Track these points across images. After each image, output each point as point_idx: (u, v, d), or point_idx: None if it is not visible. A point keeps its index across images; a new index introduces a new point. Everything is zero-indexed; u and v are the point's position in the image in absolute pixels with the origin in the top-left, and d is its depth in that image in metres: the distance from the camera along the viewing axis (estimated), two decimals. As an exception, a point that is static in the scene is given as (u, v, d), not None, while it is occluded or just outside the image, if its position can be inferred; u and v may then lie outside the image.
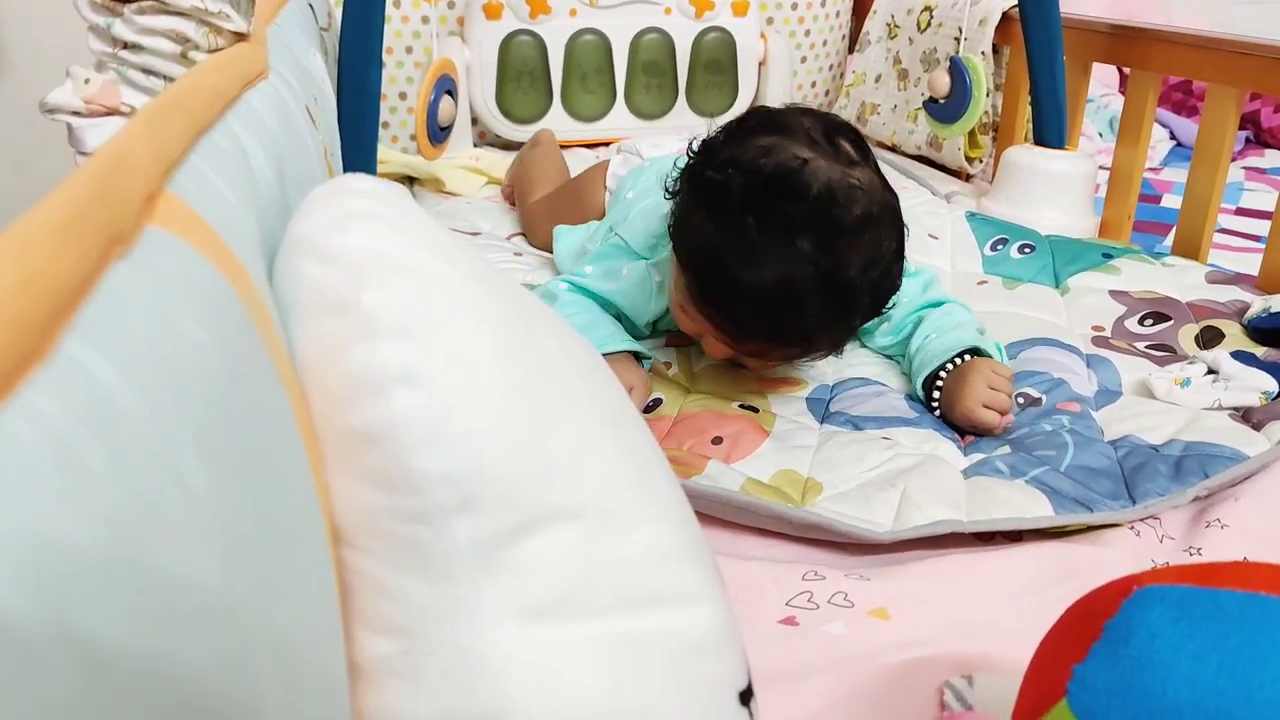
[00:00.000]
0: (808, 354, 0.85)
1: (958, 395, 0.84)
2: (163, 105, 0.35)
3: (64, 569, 0.15)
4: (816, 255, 0.74)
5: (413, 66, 1.60)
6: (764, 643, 0.58)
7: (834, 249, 0.75)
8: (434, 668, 0.33)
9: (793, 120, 0.81)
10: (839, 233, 0.75)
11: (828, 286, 0.75)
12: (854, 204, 0.76)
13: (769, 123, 0.82)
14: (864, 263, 0.77)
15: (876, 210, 0.78)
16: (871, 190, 0.78)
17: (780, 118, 0.82)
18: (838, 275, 0.75)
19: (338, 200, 0.36)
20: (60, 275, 0.20)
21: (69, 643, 0.15)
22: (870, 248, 0.77)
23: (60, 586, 0.15)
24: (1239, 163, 1.95)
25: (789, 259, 0.74)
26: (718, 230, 0.77)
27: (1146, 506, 0.71)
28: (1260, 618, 0.37)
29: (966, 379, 0.84)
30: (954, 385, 0.85)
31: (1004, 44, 1.51)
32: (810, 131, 0.80)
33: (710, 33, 1.67)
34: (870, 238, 0.77)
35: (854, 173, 0.78)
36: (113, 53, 0.48)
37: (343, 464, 0.33)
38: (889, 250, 0.80)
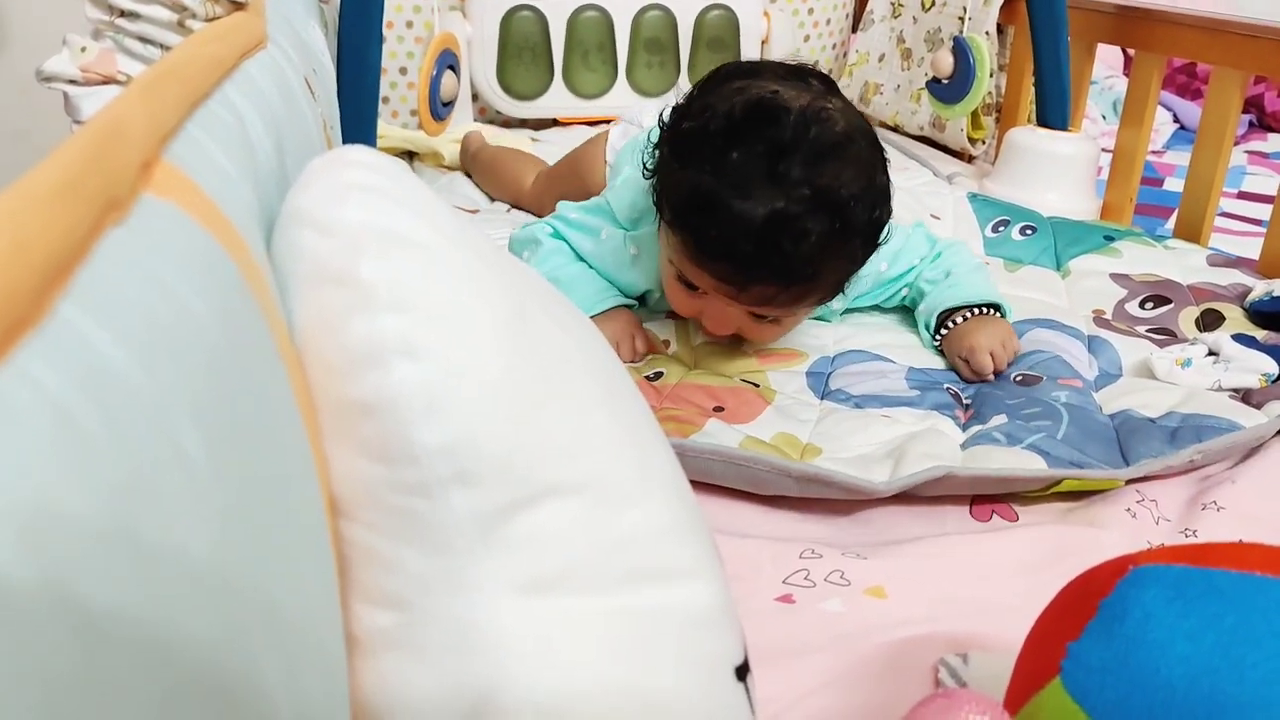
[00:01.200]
0: (815, 293, 0.83)
1: (970, 333, 0.89)
2: (159, 73, 0.35)
3: (61, 536, 0.15)
4: (807, 175, 0.75)
5: (413, 41, 1.59)
6: (761, 620, 0.58)
7: (822, 167, 0.76)
8: (432, 640, 0.33)
9: (760, 65, 0.85)
10: (824, 151, 0.76)
11: (823, 206, 0.75)
12: (833, 123, 0.78)
13: (736, 71, 0.84)
14: (853, 179, 0.77)
15: (856, 130, 0.80)
16: (847, 113, 0.81)
17: (747, 65, 0.85)
18: (831, 193, 0.76)
19: (337, 172, 0.35)
20: (54, 241, 0.19)
21: (66, 611, 0.15)
22: (855, 165, 0.78)
23: (57, 554, 0.15)
24: (1242, 146, 1.95)
25: (780, 183, 0.75)
26: (704, 173, 0.77)
27: (1140, 465, 0.72)
28: (1255, 598, 0.37)
29: (986, 327, 0.90)
30: (972, 327, 0.90)
31: (1008, 24, 1.50)
32: (777, 71, 0.83)
33: (713, 10, 1.66)
34: (854, 154, 0.78)
35: (826, 100, 0.80)
36: (110, 20, 0.47)
37: (341, 436, 0.33)
38: (876, 169, 0.81)
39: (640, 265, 0.94)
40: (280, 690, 0.24)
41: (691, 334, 0.95)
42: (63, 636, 0.15)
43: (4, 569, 0.14)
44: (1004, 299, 0.95)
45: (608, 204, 0.99)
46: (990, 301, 0.93)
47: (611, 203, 0.98)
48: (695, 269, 0.81)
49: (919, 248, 0.98)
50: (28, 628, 0.14)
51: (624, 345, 0.90)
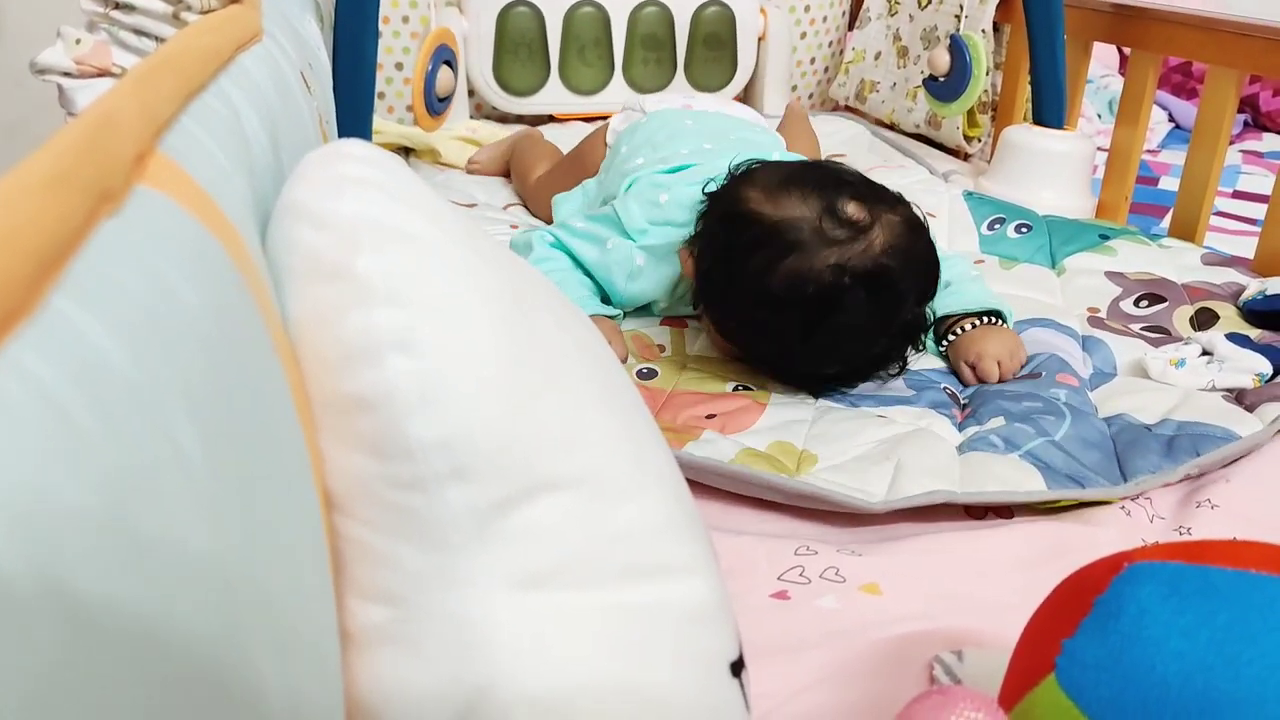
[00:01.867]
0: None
1: (978, 340, 0.89)
2: (153, 65, 0.34)
3: (54, 528, 0.15)
4: (862, 341, 0.82)
5: (409, 36, 1.58)
6: (755, 617, 0.58)
7: (874, 332, 0.81)
8: (427, 636, 0.33)
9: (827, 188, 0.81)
10: (881, 316, 0.80)
11: (874, 362, 0.85)
12: (897, 279, 0.79)
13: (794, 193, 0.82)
14: (906, 328, 0.84)
15: (903, 264, 0.80)
16: (895, 246, 0.80)
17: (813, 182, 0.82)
18: (876, 354, 0.84)
19: (332, 166, 0.35)
20: (47, 231, 0.19)
21: (59, 602, 0.15)
22: (906, 300, 0.82)
23: (50, 545, 0.15)
24: (1237, 146, 1.95)
25: (837, 358, 0.83)
26: (763, 339, 0.84)
27: (1138, 484, 0.72)
28: (1249, 595, 0.37)
29: (995, 336, 0.90)
30: (980, 335, 0.90)
31: (1005, 22, 1.51)
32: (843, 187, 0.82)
33: (710, 7, 1.66)
34: (907, 286, 0.81)
35: (890, 254, 0.79)
36: (104, 13, 0.47)
37: (336, 431, 0.33)
38: (921, 289, 0.84)
39: (647, 275, 0.95)
40: (274, 684, 0.24)
41: (687, 341, 0.95)
42: (55, 627, 0.14)
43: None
44: (1006, 304, 0.95)
45: (615, 214, 0.98)
46: (993, 308, 0.93)
47: (619, 212, 0.97)
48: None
49: None
50: (19, 618, 0.14)
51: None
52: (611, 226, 0.97)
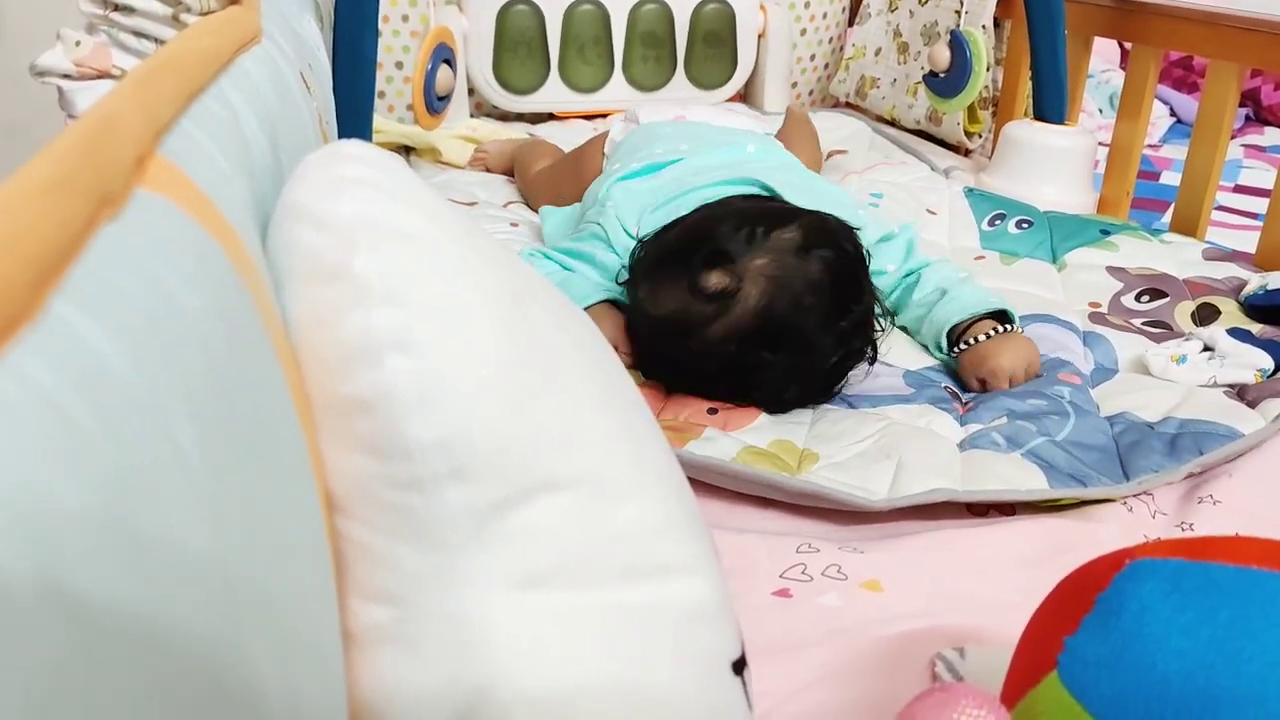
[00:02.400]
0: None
1: (994, 354, 0.86)
2: (153, 67, 0.34)
3: (54, 529, 0.15)
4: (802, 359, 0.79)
5: (409, 35, 1.58)
6: (757, 614, 0.58)
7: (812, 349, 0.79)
8: (426, 636, 0.33)
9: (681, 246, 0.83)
10: (806, 343, 0.79)
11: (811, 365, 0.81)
12: (789, 319, 0.78)
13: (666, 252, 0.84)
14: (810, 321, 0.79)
15: (791, 301, 0.78)
16: (773, 289, 0.78)
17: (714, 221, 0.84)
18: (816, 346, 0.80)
19: (332, 166, 0.35)
20: (47, 236, 0.19)
21: (59, 602, 0.15)
22: (816, 311, 0.79)
23: (50, 546, 0.15)
24: (1238, 140, 1.95)
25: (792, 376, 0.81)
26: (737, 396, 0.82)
27: (1141, 482, 0.72)
28: (1251, 592, 0.37)
29: (1011, 348, 0.86)
30: (995, 347, 0.87)
31: (1005, 18, 1.50)
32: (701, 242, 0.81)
33: (709, 4, 1.66)
34: (807, 316, 0.79)
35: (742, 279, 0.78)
36: (104, 14, 0.47)
37: (336, 431, 0.33)
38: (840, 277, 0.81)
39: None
40: (274, 685, 0.24)
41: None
42: (54, 628, 0.14)
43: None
44: (1006, 300, 0.92)
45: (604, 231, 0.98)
46: (996, 309, 0.90)
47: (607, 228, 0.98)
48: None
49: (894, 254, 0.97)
50: (17, 617, 0.14)
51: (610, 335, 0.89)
52: (598, 244, 0.98)
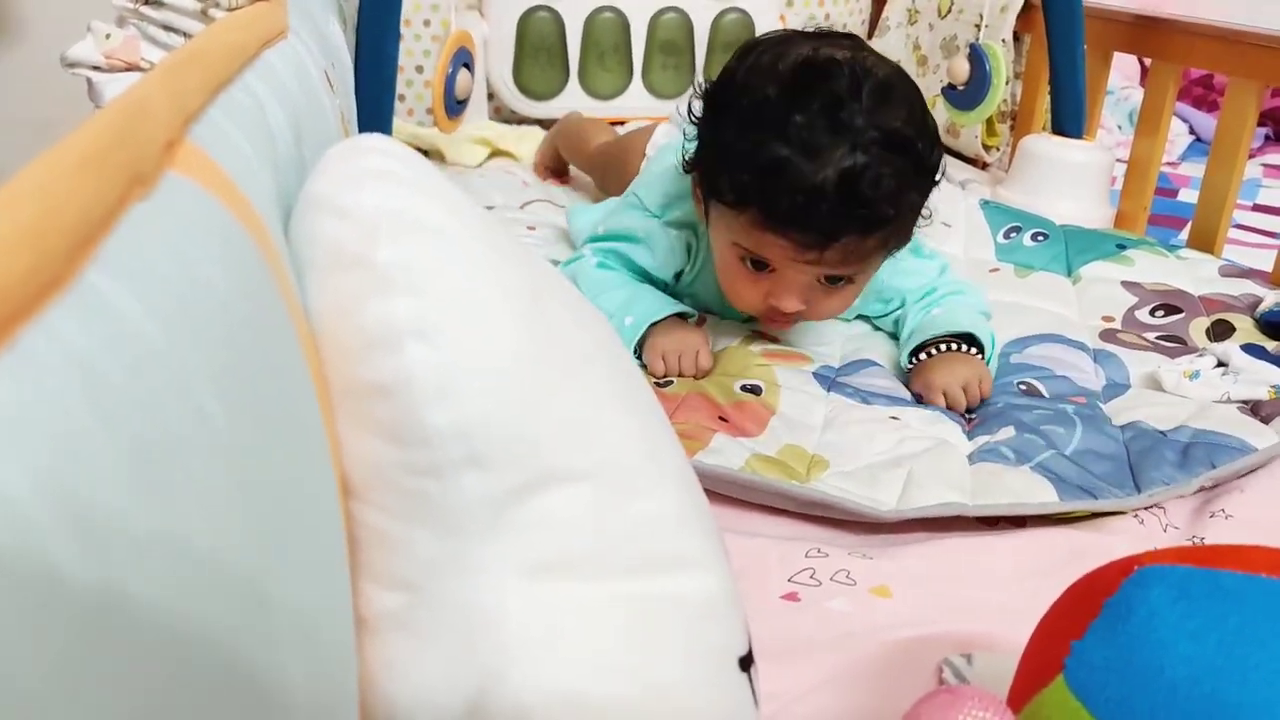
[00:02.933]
0: (894, 238, 0.84)
1: (930, 369, 0.86)
2: (182, 58, 0.35)
3: (86, 485, 0.15)
4: (870, 121, 0.77)
5: (430, 40, 1.59)
6: (766, 617, 0.58)
7: (881, 112, 0.78)
8: (439, 622, 0.34)
9: (787, 34, 0.87)
10: (878, 97, 0.78)
11: (892, 147, 0.78)
12: (876, 69, 0.80)
13: (766, 43, 0.86)
14: (909, 118, 0.80)
15: (896, 75, 0.82)
16: (883, 61, 0.83)
17: (775, 36, 0.87)
18: (897, 134, 0.78)
19: (355, 158, 0.36)
20: (83, 208, 0.20)
21: (87, 555, 0.15)
22: (908, 106, 0.80)
23: (81, 501, 0.15)
24: (1258, 159, 1.94)
25: (847, 135, 0.76)
26: (769, 142, 0.78)
27: (1151, 495, 0.71)
28: (1259, 599, 0.37)
29: (950, 365, 0.86)
30: (935, 362, 0.87)
31: (1025, 32, 1.50)
32: (807, 35, 0.85)
33: (729, 14, 1.67)
34: (903, 95, 0.81)
35: (862, 51, 0.83)
36: (134, 8, 0.48)
37: (354, 418, 0.33)
38: (924, 110, 0.83)
39: (677, 247, 0.96)
40: (289, 666, 0.24)
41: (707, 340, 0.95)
42: (82, 579, 0.15)
43: (27, 511, 0.14)
44: (986, 331, 0.90)
45: (637, 199, 0.99)
46: (961, 332, 0.88)
47: (640, 193, 0.99)
48: (774, 240, 0.80)
49: (928, 270, 0.98)
50: (49, 569, 0.14)
51: (686, 356, 0.88)
52: (636, 214, 0.98)
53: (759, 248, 0.82)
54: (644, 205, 0.98)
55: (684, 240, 0.95)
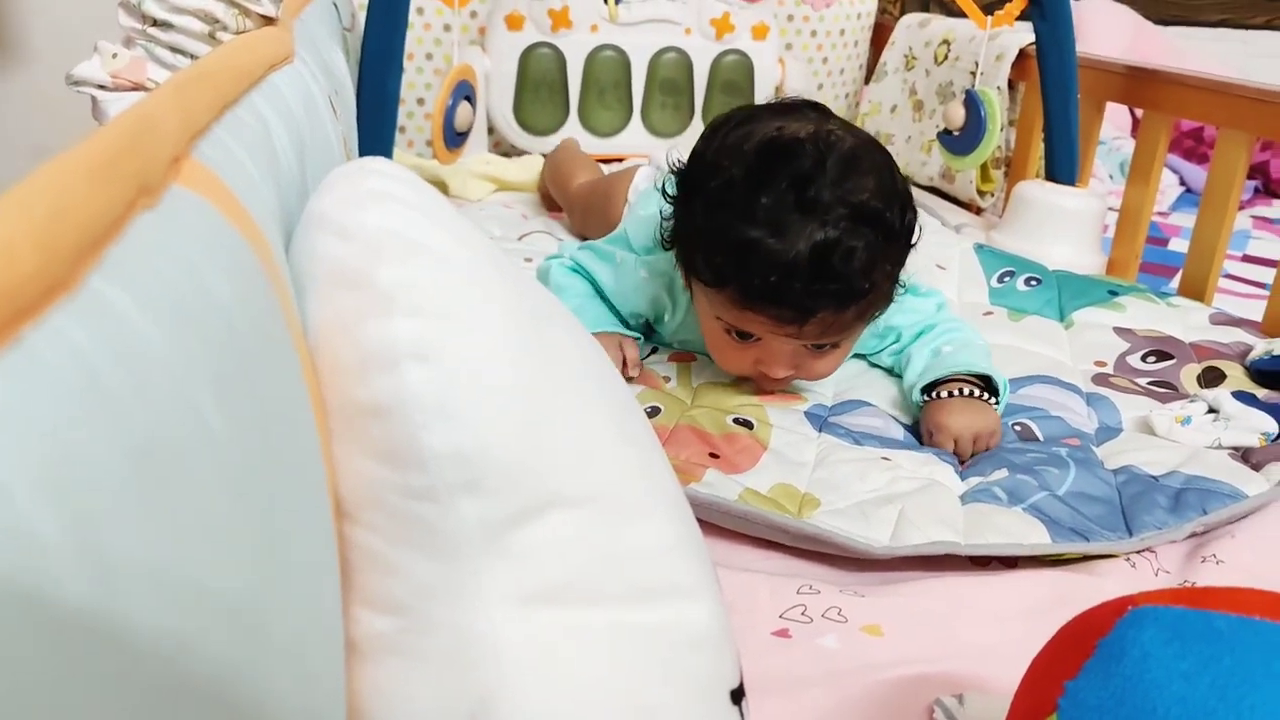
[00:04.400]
0: (873, 306, 0.84)
1: (943, 411, 0.86)
2: (190, 77, 0.35)
3: (85, 484, 0.15)
4: (836, 196, 0.77)
5: (432, 73, 1.61)
6: (756, 653, 0.58)
7: (847, 184, 0.78)
8: (431, 647, 0.33)
9: (754, 109, 0.88)
10: (844, 170, 0.78)
11: (861, 220, 0.78)
12: (842, 143, 0.80)
13: (733, 120, 0.86)
14: (877, 188, 0.80)
15: (863, 144, 0.82)
16: (849, 130, 0.84)
17: (741, 112, 0.88)
18: (864, 207, 0.78)
19: (358, 179, 0.36)
20: (90, 214, 0.20)
21: (83, 554, 0.15)
22: (875, 175, 0.80)
23: (80, 499, 0.15)
24: (1247, 211, 1.96)
25: (814, 212, 0.77)
26: (736, 224, 0.78)
27: (1143, 539, 0.71)
28: (1252, 641, 0.37)
29: (965, 411, 0.86)
30: (950, 406, 0.87)
31: (1020, 80, 1.53)
32: (773, 110, 0.86)
33: (729, 55, 1.69)
34: (870, 165, 0.81)
35: (827, 123, 0.83)
36: (142, 29, 0.48)
37: (350, 438, 0.33)
38: (893, 175, 0.83)
39: (646, 289, 0.96)
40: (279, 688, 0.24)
41: (692, 373, 0.95)
42: (77, 578, 0.15)
43: (24, 509, 0.14)
44: (1000, 375, 0.90)
45: (625, 233, 1.02)
46: (979, 372, 0.89)
47: (629, 231, 1.01)
48: (753, 316, 0.81)
49: (924, 307, 0.98)
50: (47, 566, 0.14)
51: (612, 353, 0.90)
52: (620, 244, 1.01)
53: (740, 323, 0.83)
54: (629, 241, 1.00)
55: (660, 285, 0.96)
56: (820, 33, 1.80)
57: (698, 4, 1.66)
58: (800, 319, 0.79)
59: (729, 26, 1.67)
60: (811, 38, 1.80)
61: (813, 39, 1.81)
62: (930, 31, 1.69)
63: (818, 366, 0.88)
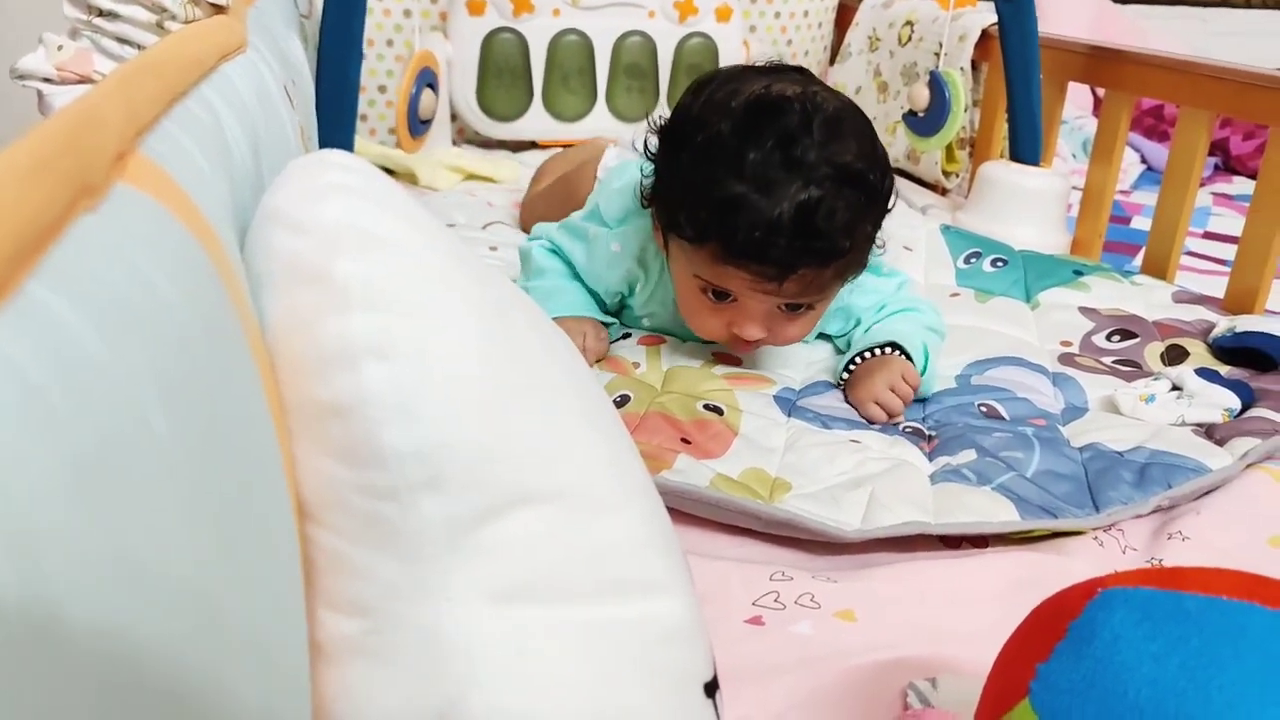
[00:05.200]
0: (850, 267, 0.85)
1: (859, 383, 0.88)
2: (136, 68, 0.34)
3: (22, 501, 0.14)
4: (822, 155, 0.78)
5: (393, 60, 1.59)
6: (730, 642, 0.58)
7: (832, 145, 0.79)
8: (398, 648, 0.33)
9: (740, 69, 0.88)
10: (829, 131, 0.79)
11: (845, 180, 0.79)
12: (826, 104, 0.81)
13: (720, 78, 0.87)
14: (860, 150, 0.81)
15: (847, 108, 0.84)
16: (833, 95, 0.85)
17: (728, 71, 0.88)
18: (848, 167, 0.79)
19: (314, 173, 0.35)
20: (25, 219, 0.19)
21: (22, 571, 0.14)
22: (858, 138, 0.82)
23: (14, 515, 0.14)
24: (1208, 188, 1.98)
25: (799, 169, 0.77)
26: (723, 178, 0.79)
27: (1110, 514, 0.72)
28: (1221, 621, 0.38)
29: (873, 372, 0.88)
30: (861, 374, 0.89)
31: (983, 61, 1.53)
32: (759, 71, 0.86)
33: (693, 38, 1.68)
34: (853, 128, 0.82)
35: (811, 86, 0.84)
36: (87, 20, 0.47)
37: (310, 438, 0.32)
38: (874, 140, 0.84)
39: (618, 262, 0.96)
40: (246, 694, 0.23)
41: (662, 357, 0.95)
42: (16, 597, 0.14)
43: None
44: (917, 339, 0.91)
45: (597, 207, 1.00)
46: (888, 341, 0.90)
47: (601, 205, 1.00)
48: (733, 272, 0.81)
49: (884, 288, 0.99)
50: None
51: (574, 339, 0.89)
52: (593, 219, 1.00)
53: (719, 279, 0.83)
54: (601, 215, 1.00)
55: (632, 256, 0.95)
56: (784, 14, 1.80)
57: (661, -13, 1.65)
58: (780, 276, 0.80)
59: (692, 9, 1.66)
60: (775, 19, 1.80)
61: (776, 20, 1.80)
62: (894, 13, 1.68)
63: (790, 329, 0.88)
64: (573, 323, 0.93)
